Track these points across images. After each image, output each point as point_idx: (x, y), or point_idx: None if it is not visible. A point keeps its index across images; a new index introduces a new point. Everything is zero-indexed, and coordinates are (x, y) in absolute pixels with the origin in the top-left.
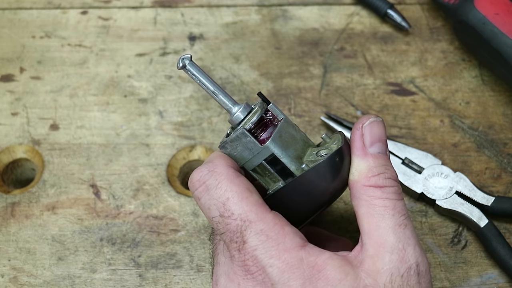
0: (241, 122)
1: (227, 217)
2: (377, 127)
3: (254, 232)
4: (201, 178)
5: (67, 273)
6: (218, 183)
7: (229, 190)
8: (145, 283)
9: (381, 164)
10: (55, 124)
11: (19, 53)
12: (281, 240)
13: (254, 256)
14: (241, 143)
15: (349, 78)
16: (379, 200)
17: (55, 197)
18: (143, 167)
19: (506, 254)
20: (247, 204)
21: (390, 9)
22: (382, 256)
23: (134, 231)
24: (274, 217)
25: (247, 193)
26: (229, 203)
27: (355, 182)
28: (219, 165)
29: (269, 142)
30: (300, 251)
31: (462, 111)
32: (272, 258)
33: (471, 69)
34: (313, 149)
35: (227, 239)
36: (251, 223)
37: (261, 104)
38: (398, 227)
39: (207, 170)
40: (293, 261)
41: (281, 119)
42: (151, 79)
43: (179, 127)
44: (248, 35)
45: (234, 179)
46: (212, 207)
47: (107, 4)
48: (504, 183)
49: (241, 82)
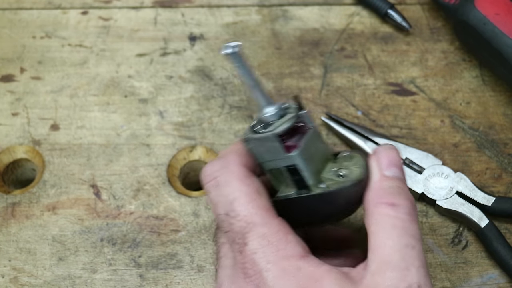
0: (271, 123)
1: (232, 217)
2: (394, 153)
3: (256, 235)
4: (212, 173)
5: (67, 274)
6: (228, 181)
7: (238, 190)
8: (146, 283)
9: (396, 185)
10: (56, 124)
11: (19, 53)
12: (282, 247)
13: (252, 259)
14: (267, 145)
15: (350, 78)
16: (389, 218)
17: (55, 198)
18: (143, 167)
19: (507, 254)
20: (253, 207)
21: (390, 9)
22: (383, 273)
23: (135, 232)
24: (279, 223)
25: (256, 195)
26: (236, 203)
27: (369, 200)
28: (232, 163)
29: (297, 154)
30: (299, 260)
31: (462, 111)
32: (269, 263)
33: (472, 69)
34: (332, 164)
35: (230, 239)
36: (255, 226)
37: (295, 110)
38: (405, 248)
39: (220, 166)
40: (290, 268)
41: (311, 128)
42: (151, 79)
43: (180, 127)
44: (249, 35)
45: (245, 179)
46: (220, 204)
47: (108, 4)
48: (504, 183)
49: (242, 82)
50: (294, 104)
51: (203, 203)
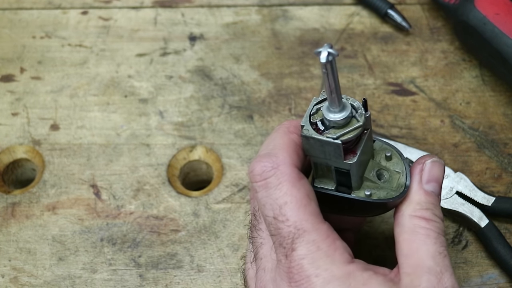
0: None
1: (281, 221)
2: (438, 168)
3: (305, 241)
4: (263, 173)
5: (67, 273)
6: (279, 183)
7: (288, 194)
8: (146, 283)
9: (431, 202)
10: (56, 124)
11: (19, 53)
12: (331, 253)
13: (300, 264)
14: (326, 148)
15: (350, 78)
16: (423, 229)
17: (55, 197)
18: (143, 167)
19: (507, 254)
20: (304, 213)
21: (390, 9)
22: (420, 275)
23: (135, 231)
24: (327, 229)
25: (306, 201)
26: (286, 208)
27: (403, 210)
28: (283, 163)
29: (353, 163)
30: (348, 265)
31: (462, 111)
32: (319, 269)
33: (472, 69)
34: (372, 162)
35: (277, 242)
36: (305, 232)
37: (361, 117)
38: (438, 254)
39: (270, 166)
40: (339, 274)
41: (367, 131)
42: (151, 79)
43: (180, 127)
44: (249, 35)
45: (296, 182)
46: (268, 206)
47: (108, 4)
48: (504, 183)
49: (242, 82)
50: (361, 108)
51: (203, 203)
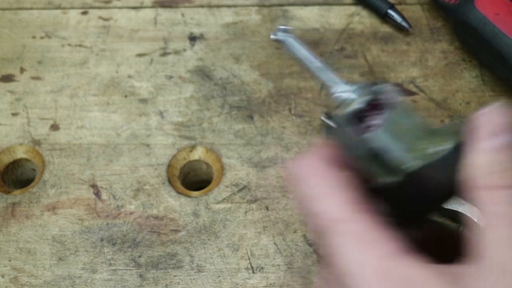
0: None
1: (314, 216)
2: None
3: (338, 233)
4: (292, 169)
5: (67, 274)
6: (305, 177)
7: (316, 185)
8: (146, 283)
9: (504, 159)
10: (56, 125)
11: (19, 53)
12: (373, 245)
13: (337, 260)
14: (342, 130)
15: (350, 78)
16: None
17: (55, 197)
18: (143, 167)
19: None
20: (335, 202)
21: (390, 9)
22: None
23: (135, 231)
24: (366, 218)
25: (337, 189)
26: (315, 201)
27: (469, 182)
28: (309, 156)
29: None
30: (393, 260)
31: (462, 111)
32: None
33: (472, 69)
34: (423, 142)
35: (316, 237)
36: (337, 223)
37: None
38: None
39: (297, 162)
40: (381, 270)
41: (393, 104)
42: (151, 79)
43: (180, 127)
44: (249, 35)
45: (323, 173)
46: (301, 202)
47: (108, 4)
48: None
49: (242, 82)
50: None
51: (203, 203)
